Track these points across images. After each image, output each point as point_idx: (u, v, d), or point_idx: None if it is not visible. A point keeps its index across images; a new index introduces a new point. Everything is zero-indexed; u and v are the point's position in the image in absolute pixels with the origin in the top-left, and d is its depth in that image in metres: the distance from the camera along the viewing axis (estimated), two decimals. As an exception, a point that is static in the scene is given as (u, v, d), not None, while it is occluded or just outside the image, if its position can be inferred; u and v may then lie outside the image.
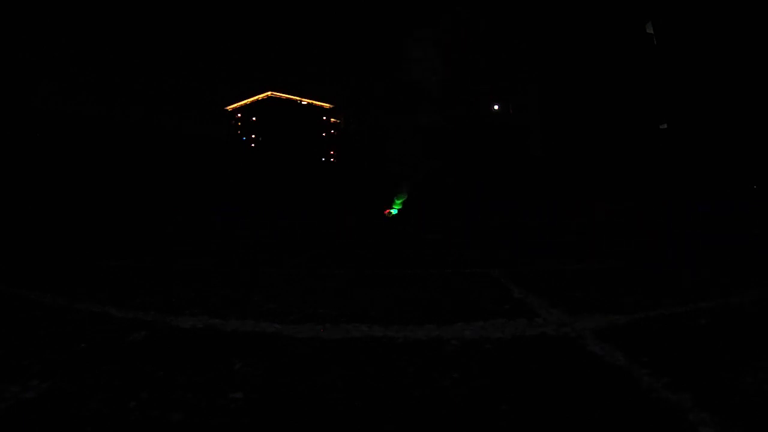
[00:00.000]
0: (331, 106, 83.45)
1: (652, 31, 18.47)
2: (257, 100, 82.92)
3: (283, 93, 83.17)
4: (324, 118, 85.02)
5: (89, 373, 1.08)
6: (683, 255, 3.68)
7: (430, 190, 21.61)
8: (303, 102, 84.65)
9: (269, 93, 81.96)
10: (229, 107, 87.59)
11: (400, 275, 2.65)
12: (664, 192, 16.05)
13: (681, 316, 1.58)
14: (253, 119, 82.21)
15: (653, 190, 16.33)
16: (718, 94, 16.02)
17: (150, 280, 2.52)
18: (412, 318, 1.61)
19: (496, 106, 24.14)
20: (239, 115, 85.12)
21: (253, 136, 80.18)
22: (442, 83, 23.61)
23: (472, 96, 23.68)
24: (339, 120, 67.73)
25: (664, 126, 18.19)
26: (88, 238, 6.19)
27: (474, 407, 0.90)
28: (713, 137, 16.23)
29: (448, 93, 23.56)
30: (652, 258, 3.55)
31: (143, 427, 0.82)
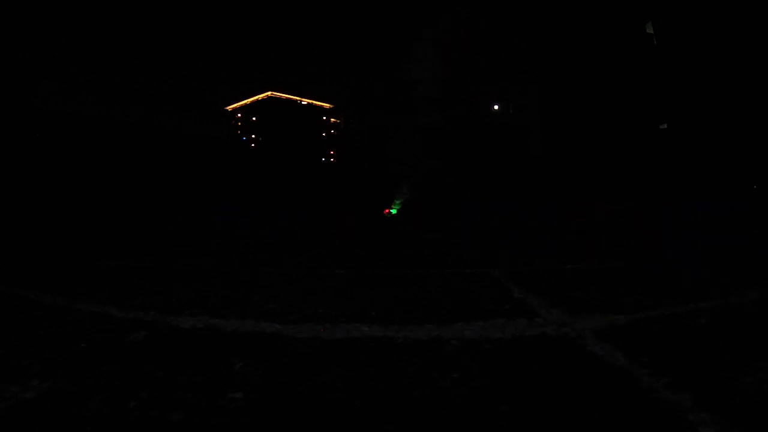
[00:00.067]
0: (331, 106, 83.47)
1: (652, 31, 18.48)
2: (257, 100, 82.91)
3: (283, 93, 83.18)
4: (324, 118, 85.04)
5: (89, 373, 1.08)
6: (683, 255, 3.68)
7: (430, 190, 21.63)
8: (303, 102, 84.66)
9: (269, 93, 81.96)
10: (229, 107, 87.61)
11: (400, 275, 2.65)
12: (664, 192, 16.04)
13: (681, 316, 1.58)
14: (253, 119, 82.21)
15: (653, 190, 16.33)
16: (717, 94, 16.02)
17: (150, 280, 2.52)
18: (412, 318, 1.61)
19: (496, 106, 24.14)
20: (239, 115, 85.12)
21: (253, 136, 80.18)
22: (442, 83, 23.63)
23: (472, 96, 23.69)
24: (339, 120, 67.78)
25: (664, 126, 18.19)
26: (88, 238, 6.19)
27: (474, 407, 0.89)
28: (713, 137, 16.23)
29: (448, 93, 23.58)
30: (652, 258, 3.55)
31: (143, 427, 0.82)
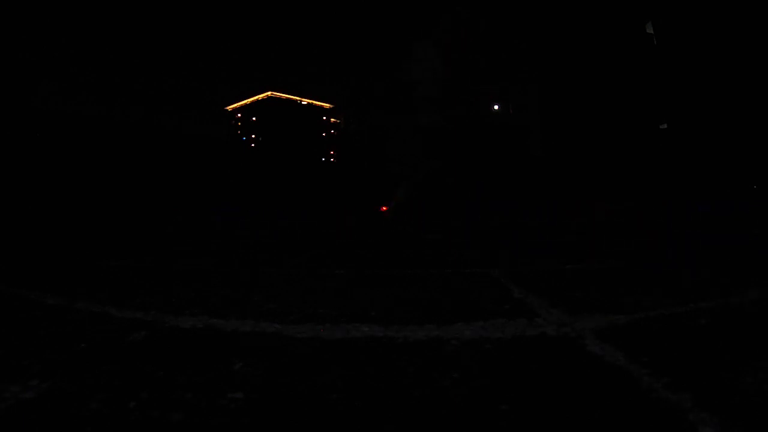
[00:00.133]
0: (331, 106, 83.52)
1: (652, 31, 18.48)
2: (257, 100, 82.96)
3: (283, 93, 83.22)
4: (324, 118, 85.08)
5: (89, 373, 1.08)
6: (683, 255, 3.67)
7: (430, 190, 21.62)
8: (303, 102, 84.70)
9: (269, 93, 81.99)
10: (229, 107, 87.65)
11: (400, 275, 2.65)
12: (664, 192, 16.05)
13: (681, 316, 1.58)
14: (253, 119, 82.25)
15: (653, 190, 16.33)
16: (717, 94, 16.03)
17: (150, 280, 2.52)
18: (412, 318, 1.61)
19: (496, 106, 24.14)
20: (239, 115, 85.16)
21: (253, 136, 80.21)
22: (442, 83, 23.62)
23: (472, 96, 23.68)
24: (339, 120, 67.75)
25: (664, 126, 18.20)
26: (88, 238, 6.19)
27: (474, 407, 0.89)
28: (713, 137, 16.23)
29: (448, 93, 23.57)
30: (652, 258, 3.55)
31: (143, 427, 0.82)
